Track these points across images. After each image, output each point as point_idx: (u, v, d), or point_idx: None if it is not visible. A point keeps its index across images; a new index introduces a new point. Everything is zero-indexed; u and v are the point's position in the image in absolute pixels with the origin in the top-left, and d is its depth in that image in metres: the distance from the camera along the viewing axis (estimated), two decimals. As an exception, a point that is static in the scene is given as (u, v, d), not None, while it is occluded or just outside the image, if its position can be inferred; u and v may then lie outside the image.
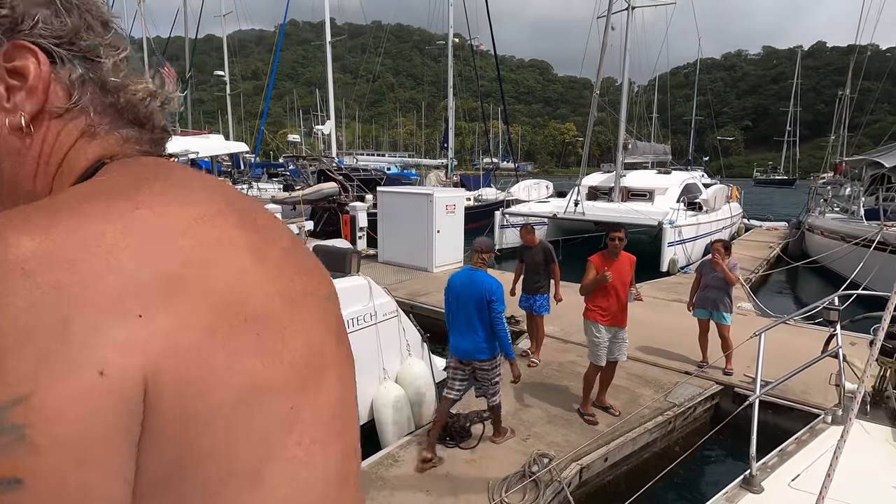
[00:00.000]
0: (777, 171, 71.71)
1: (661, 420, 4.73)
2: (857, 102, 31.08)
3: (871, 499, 2.01)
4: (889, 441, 2.48)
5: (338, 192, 14.80)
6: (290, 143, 32.96)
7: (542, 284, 5.86)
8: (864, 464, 2.27)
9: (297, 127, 57.35)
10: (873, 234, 9.79)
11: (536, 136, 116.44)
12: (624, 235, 4.55)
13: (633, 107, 30.32)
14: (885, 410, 2.69)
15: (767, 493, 2.11)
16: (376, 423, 4.65)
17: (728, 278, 5.56)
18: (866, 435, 2.52)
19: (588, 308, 4.71)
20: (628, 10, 15.77)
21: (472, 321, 3.81)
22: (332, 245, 5.95)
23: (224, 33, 32.39)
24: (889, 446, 2.43)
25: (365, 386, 4.68)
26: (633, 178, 16.64)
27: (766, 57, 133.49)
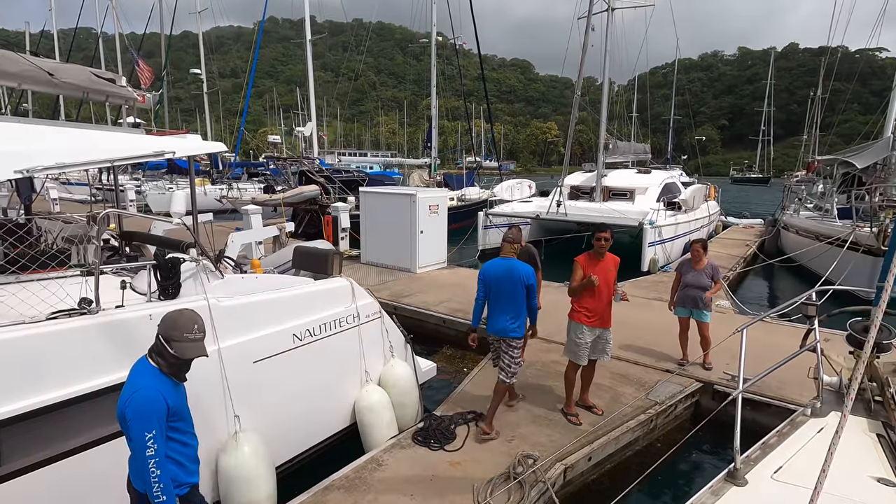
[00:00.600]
0: (752, 169, 73.41)
1: (644, 418, 4.79)
2: (828, 103, 32.01)
3: (851, 488, 2.05)
4: (865, 431, 2.55)
5: (319, 195, 14.65)
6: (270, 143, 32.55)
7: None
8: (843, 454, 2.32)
9: (278, 126, 56.64)
10: (847, 234, 10.04)
11: (519, 134, 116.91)
12: (610, 236, 4.57)
13: (613, 106, 30.71)
14: (862, 402, 2.76)
15: (751, 486, 2.15)
16: (359, 427, 4.60)
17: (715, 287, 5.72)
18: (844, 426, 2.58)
19: (574, 309, 4.72)
20: (608, 11, 15.94)
21: (509, 303, 4.34)
22: (314, 246, 5.86)
23: (199, 30, 31.73)
24: (865, 436, 2.50)
25: (347, 389, 4.63)
26: (614, 177, 16.83)
27: (742, 58, 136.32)
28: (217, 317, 3.45)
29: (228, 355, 3.54)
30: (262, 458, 3.54)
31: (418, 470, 3.94)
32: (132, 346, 3.10)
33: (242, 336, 3.68)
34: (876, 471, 2.19)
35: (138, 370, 2.34)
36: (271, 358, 3.87)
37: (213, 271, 3.61)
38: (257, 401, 3.80)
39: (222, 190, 21.29)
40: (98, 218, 3.15)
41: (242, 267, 5.27)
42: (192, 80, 40.41)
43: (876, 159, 11.49)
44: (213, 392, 3.50)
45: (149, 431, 2.12)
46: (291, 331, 4.04)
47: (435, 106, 22.45)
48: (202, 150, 4.93)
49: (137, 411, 2.15)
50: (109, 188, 6.20)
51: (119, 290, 3.21)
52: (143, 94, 7.35)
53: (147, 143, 4.14)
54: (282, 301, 4.00)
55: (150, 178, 25.91)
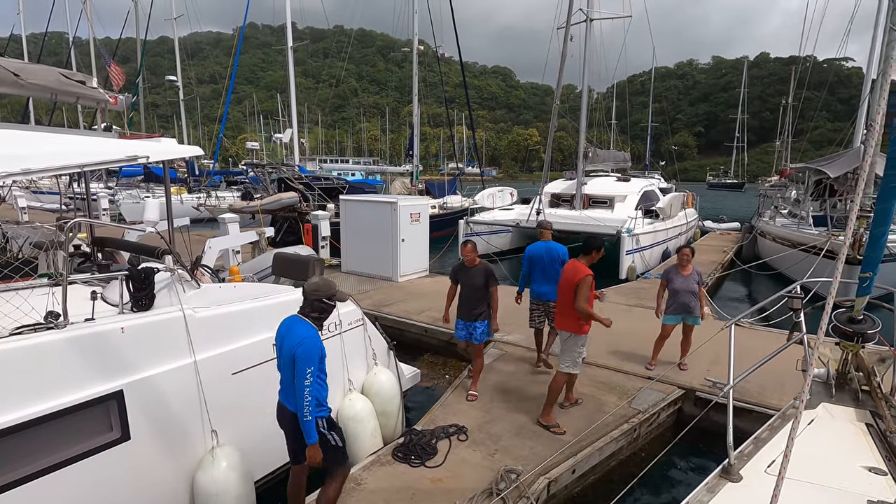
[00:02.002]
0: (728, 175, 75.27)
1: (627, 428, 4.73)
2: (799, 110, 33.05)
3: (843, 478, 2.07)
4: (853, 421, 2.58)
5: (297, 202, 14.48)
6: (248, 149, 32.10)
7: (482, 310, 5.18)
8: (832, 444, 2.35)
9: (258, 132, 55.99)
10: (822, 242, 10.22)
11: (500, 141, 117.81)
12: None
13: (592, 113, 31.17)
14: (849, 392, 2.79)
15: (746, 481, 2.15)
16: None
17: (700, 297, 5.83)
18: (832, 417, 2.61)
19: (585, 324, 4.64)
20: (586, 22, 16.19)
21: (549, 274, 5.73)
22: (294, 253, 5.76)
23: (175, 35, 31.25)
24: (854, 426, 2.53)
25: (329, 398, 4.52)
26: (594, 185, 17.03)
27: (716, 66, 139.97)
28: (193, 328, 3.35)
29: (205, 368, 3.43)
30: (240, 473, 3.43)
31: (399, 487, 3.83)
32: (104, 361, 2.99)
33: (220, 348, 3.57)
34: (866, 460, 2.22)
35: (298, 323, 3.03)
36: (250, 369, 3.76)
37: (188, 281, 3.50)
38: (236, 414, 3.69)
39: (199, 198, 20.89)
40: (66, 227, 3.02)
41: (220, 275, 5.16)
42: (169, 86, 39.76)
43: (847, 169, 11.82)
44: (189, 407, 3.38)
45: (309, 367, 2.86)
46: (271, 340, 3.92)
47: (417, 114, 22.45)
48: (178, 154, 4.79)
49: (307, 351, 2.87)
50: (82, 197, 6.00)
51: (90, 301, 3.08)
52: (114, 95, 7.16)
53: (119, 147, 4.00)
54: (261, 310, 3.89)
55: (125, 186, 25.29)
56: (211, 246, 6.69)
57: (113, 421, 3.01)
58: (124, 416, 3.03)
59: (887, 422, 2.44)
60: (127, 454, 3.07)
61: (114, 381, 2.99)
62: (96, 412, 2.94)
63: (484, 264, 5.21)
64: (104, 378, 2.96)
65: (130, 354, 3.09)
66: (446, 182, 23.90)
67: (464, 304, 5.25)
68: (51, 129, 5.27)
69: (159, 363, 3.23)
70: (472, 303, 5.18)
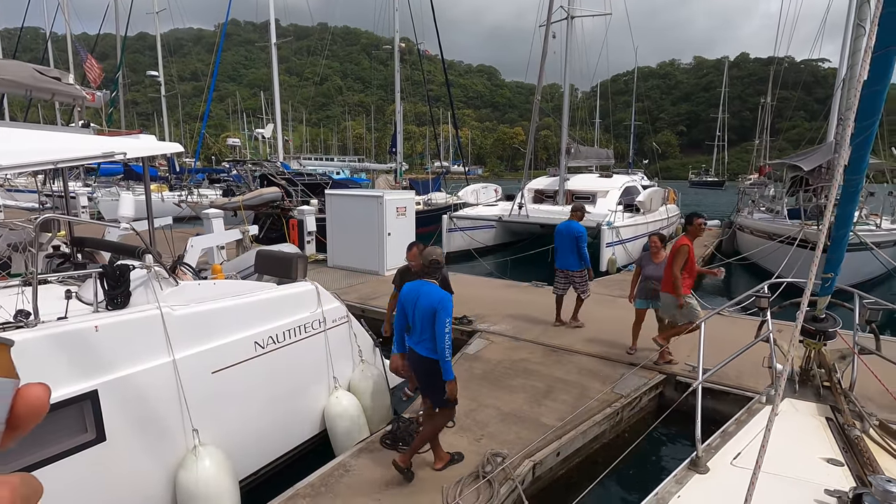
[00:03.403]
0: (709, 173, 76.44)
1: (610, 411, 4.88)
2: (777, 110, 33.78)
3: (802, 469, 2.15)
4: (814, 415, 2.66)
5: (280, 198, 14.36)
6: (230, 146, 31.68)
7: None
8: (796, 437, 2.43)
9: (241, 130, 55.30)
10: (796, 232, 10.58)
11: (486, 140, 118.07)
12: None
13: (576, 112, 31.42)
14: (811, 388, 2.88)
15: (712, 473, 2.22)
16: (329, 434, 4.50)
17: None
18: (796, 411, 2.70)
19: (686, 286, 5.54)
20: (567, 19, 16.32)
21: (564, 247, 7.04)
22: (278, 250, 5.72)
23: (157, 31, 30.67)
24: (815, 420, 2.61)
25: (316, 396, 4.53)
26: (576, 181, 17.21)
27: (697, 66, 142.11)
28: (171, 326, 3.30)
29: (184, 366, 3.38)
30: (223, 472, 3.40)
31: (387, 473, 3.87)
32: (77, 361, 2.93)
33: (199, 346, 3.53)
34: (825, 452, 2.29)
35: (428, 286, 3.71)
36: (231, 368, 3.72)
37: (166, 278, 3.45)
38: (217, 413, 3.65)
39: (180, 196, 20.58)
40: (37, 223, 2.96)
41: (202, 273, 5.10)
42: (150, 82, 39.06)
43: (821, 162, 12.15)
44: (168, 406, 3.34)
45: (448, 319, 3.54)
46: (253, 338, 3.91)
47: (399, 111, 22.39)
48: (157, 151, 4.72)
49: (446, 308, 3.56)
50: (59, 195, 5.88)
51: (63, 300, 3.03)
52: (92, 92, 7.02)
53: (96, 143, 3.93)
54: (241, 308, 3.86)
55: (104, 184, 24.80)
56: (193, 244, 6.60)
57: (87, 422, 2.96)
58: (99, 417, 2.97)
59: (845, 416, 2.52)
60: (102, 456, 3.01)
61: (87, 381, 2.93)
62: (69, 413, 2.88)
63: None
64: (77, 378, 2.90)
65: (105, 353, 3.04)
66: (430, 180, 23.90)
67: None
68: (26, 125, 5.16)
69: (136, 362, 3.17)
70: None
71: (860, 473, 2.06)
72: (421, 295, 3.68)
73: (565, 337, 6.84)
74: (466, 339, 6.83)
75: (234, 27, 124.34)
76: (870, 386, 3.67)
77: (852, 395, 2.72)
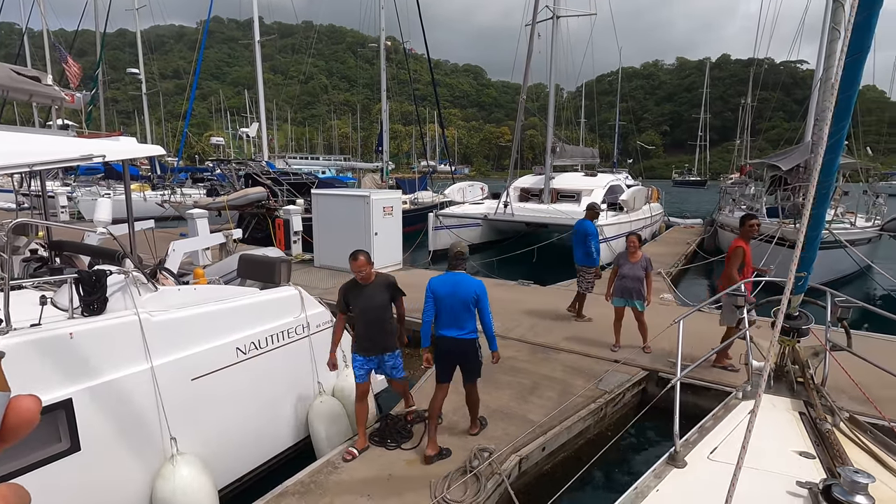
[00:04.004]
0: (692, 172, 77.60)
1: (594, 407, 4.96)
2: (757, 110, 34.43)
3: (776, 462, 2.20)
4: (789, 410, 2.73)
5: (266, 197, 14.22)
6: (213, 145, 31.24)
7: (391, 338, 4.22)
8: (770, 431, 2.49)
9: (225, 129, 54.59)
10: (774, 230, 10.80)
11: (472, 139, 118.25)
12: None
13: (562, 112, 31.62)
14: (786, 383, 2.95)
15: (690, 467, 2.26)
16: (312, 440, 4.47)
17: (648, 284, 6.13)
18: (771, 407, 2.77)
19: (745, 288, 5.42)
20: (553, 19, 16.44)
21: (581, 245, 7.65)
22: (261, 254, 5.67)
23: (138, 28, 30.10)
24: (789, 414, 2.68)
25: (300, 401, 4.50)
26: (562, 180, 17.34)
27: (680, 67, 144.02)
28: (149, 332, 3.25)
29: (163, 374, 3.33)
30: (202, 481, 3.35)
31: (375, 470, 3.90)
32: (51, 369, 2.86)
33: (179, 352, 3.48)
34: (798, 445, 2.36)
35: (461, 275, 4.07)
36: (212, 374, 3.67)
37: (144, 284, 3.40)
38: (197, 420, 3.60)
39: (163, 195, 20.25)
40: (9, 227, 2.89)
41: (185, 279, 5.03)
42: (130, 80, 38.28)
43: (798, 161, 12.42)
44: (146, 414, 3.28)
45: (487, 301, 4.01)
46: (234, 344, 3.86)
47: (385, 110, 22.32)
48: (137, 154, 4.64)
49: (485, 291, 4.01)
50: (37, 194, 5.76)
51: (38, 306, 2.97)
52: (71, 93, 6.87)
53: (75, 145, 3.85)
54: (223, 313, 3.81)
55: (84, 183, 24.30)
56: (175, 249, 6.50)
57: (61, 431, 2.90)
58: (73, 426, 2.91)
59: (817, 410, 2.60)
60: (77, 466, 2.95)
61: (61, 390, 2.87)
62: (42, 422, 2.80)
63: (383, 276, 4.22)
64: (50, 386, 2.84)
65: (80, 361, 2.97)
66: (417, 179, 23.88)
67: (363, 333, 4.12)
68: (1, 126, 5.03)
69: (113, 369, 3.12)
70: (374, 330, 4.11)
71: (830, 465, 2.12)
72: (458, 284, 3.99)
73: (551, 335, 6.90)
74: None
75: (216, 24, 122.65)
76: (841, 381, 3.77)
77: (824, 390, 2.79)
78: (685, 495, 2.07)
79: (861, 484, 1.77)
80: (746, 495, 1.94)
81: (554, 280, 10.45)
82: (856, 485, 1.78)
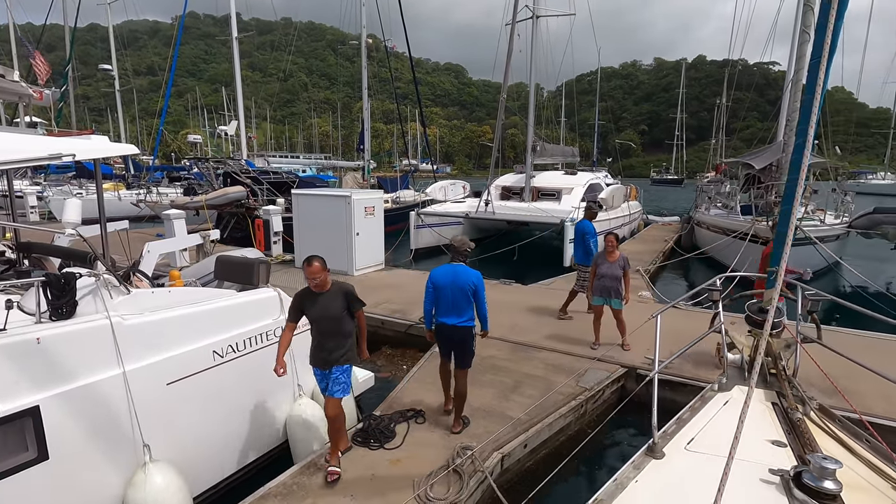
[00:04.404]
0: (669, 171, 79.01)
1: (575, 404, 5.03)
2: (732, 110, 35.23)
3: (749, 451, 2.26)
4: (762, 401, 2.81)
5: (245, 197, 13.99)
6: (190, 143, 30.61)
7: (345, 350, 3.84)
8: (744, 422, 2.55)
9: (202, 127, 53.54)
10: (747, 227, 11.09)
11: (454, 138, 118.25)
12: None
13: (542, 111, 31.88)
14: (760, 375, 3.03)
15: (668, 458, 2.32)
16: (290, 444, 4.42)
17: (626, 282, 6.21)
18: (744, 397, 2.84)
19: None
20: (533, 18, 16.54)
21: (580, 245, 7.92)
22: (239, 256, 5.56)
23: (110, 22, 29.29)
24: (762, 405, 2.76)
25: (278, 405, 4.44)
26: (542, 178, 17.48)
27: (658, 67, 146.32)
28: (121, 337, 3.16)
29: (136, 378, 3.24)
30: (176, 489, 3.28)
31: (358, 470, 3.88)
32: (17, 375, 2.76)
33: (152, 357, 3.39)
34: (771, 434, 2.44)
35: (461, 267, 4.41)
36: (188, 378, 3.59)
37: (116, 286, 3.30)
38: (172, 426, 3.52)
39: (138, 195, 19.77)
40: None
41: (160, 279, 4.91)
42: (102, 76, 37.24)
43: (771, 161, 12.75)
44: (118, 421, 3.19)
45: (484, 292, 4.39)
46: (211, 347, 3.79)
47: (367, 108, 22.17)
48: (108, 153, 4.50)
49: (482, 282, 4.39)
50: (4, 194, 5.57)
51: (4, 310, 2.86)
52: (39, 90, 6.66)
53: (43, 144, 3.72)
54: (198, 316, 3.73)
55: (55, 183, 23.58)
56: (150, 250, 6.35)
57: (28, 440, 2.80)
58: (41, 434, 2.82)
59: (789, 400, 2.68)
60: (45, 475, 2.86)
61: (28, 397, 2.78)
62: (8, 431, 2.72)
63: (339, 284, 3.93)
64: (16, 393, 2.75)
65: (48, 367, 2.88)
66: (399, 177, 23.79)
67: (318, 344, 3.84)
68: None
69: (83, 375, 3.02)
70: (330, 341, 3.79)
71: (801, 453, 2.20)
72: (457, 275, 4.34)
73: (532, 334, 6.94)
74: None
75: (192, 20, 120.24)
76: (812, 372, 3.89)
77: (795, 380, 2.87)
78: (664, 485, 2.12)
79: (829, 469, 1.85)
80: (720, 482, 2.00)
81: (535, 279, 10.52)
82: (824, 470, 1.85)
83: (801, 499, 1.87)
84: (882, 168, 52.51)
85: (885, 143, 55.65)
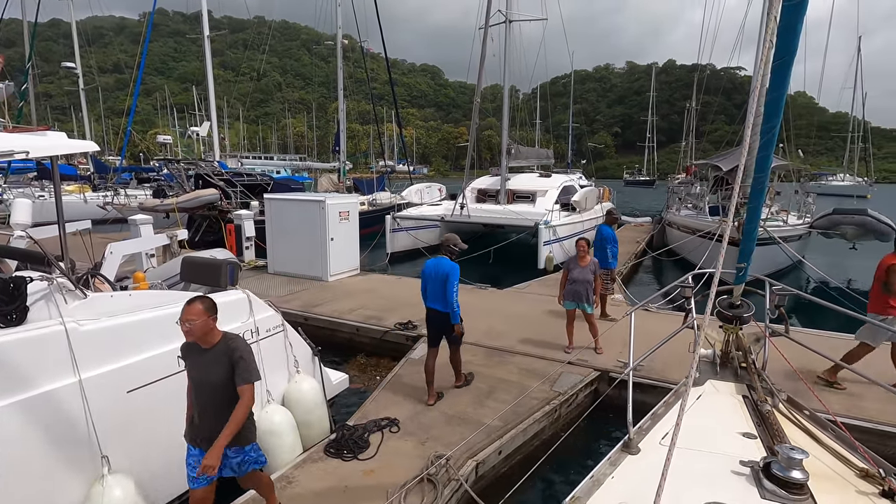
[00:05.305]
0: (642, 173, 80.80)
1: (549, 409, 5.02)
2: (701, 113, 36.27)
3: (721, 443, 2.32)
4: (733, 394, 2.87)
5: (218, 199, 13.64)
6: (159, 143, 29.78)
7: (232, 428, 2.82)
8: (716, 415, 2.61)
9: (171, 127, 52.15)
10: (715, 227, 11.39)
11: (430, 139, 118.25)
12: None
13: (517, 113, 32.14)
14: (730, 369, 3.09)
15: (643, 453, 2.34)
16: None
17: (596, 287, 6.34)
18: (716, 391, 2.89)
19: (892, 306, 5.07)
20: (506, 23, 16.65)
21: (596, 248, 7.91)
22: (206, 256, 5.40)
23: (73, 18, 28.26)
24: (733, 399, 2.82)
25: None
26: (517, 181, 17.61)
27: (630, 71, 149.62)
28: (77, 343, 3.01)
29: (93, 387, 3.10)
30: (135, 502, 3.14)
31: (331, 482, 3.79)
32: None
33: (111, 364, 3.24)
34: (741, 427, 2.49)
35: (444, 259, 5.00)
36: (149, 386, 3.45)
37: (71, 290, 3.15)
38: (133, 436, 3.37)
39: (105, 196, 19.09)
40: None
41: (123, 283, 4.73)
42: (65, 74, 35.89)
43: (737, 163, 13.13)
44: (73, 431, 3.04)
45: (456, 281, 4.86)
46: (174, 353, 3.64)
47: (342, 110, 21.95)
48: (66, 150, 4.30)
49: (455, 273, 4.87)
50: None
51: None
52: (-8, 84, 6.32)
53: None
54: (161, 320, 3.58)
55: (15, 184, 22.58)
56: (112, 251, 6.09)
57: None
58: None
59: (758, 393, 2.74)
60: None
61: None
62: None
63: (228, 341, 2.93)
64: None
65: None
66: (375, 179, 23.62)
67: (202, 416, 2.89)
68: None
69: (34, 385, 2.87)
70: (208, 417, 2.86)
71: (770, 444, 2.25)
72: (438, 266, 4.97)
73: (506, 338, 6.93)
74: (412, 345, 6.76)
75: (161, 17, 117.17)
76: (780, 365, 3.98)
77: (765, 374, 2.94)
78: (639, 481, 2.13)
79: (796, 460, 1.90)
80: (693, 475, 2.04)
81: (511, 282, 10.54)
82: (792, 461, 1.90)
83: (770, 489, 1.91)
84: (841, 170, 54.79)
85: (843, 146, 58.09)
